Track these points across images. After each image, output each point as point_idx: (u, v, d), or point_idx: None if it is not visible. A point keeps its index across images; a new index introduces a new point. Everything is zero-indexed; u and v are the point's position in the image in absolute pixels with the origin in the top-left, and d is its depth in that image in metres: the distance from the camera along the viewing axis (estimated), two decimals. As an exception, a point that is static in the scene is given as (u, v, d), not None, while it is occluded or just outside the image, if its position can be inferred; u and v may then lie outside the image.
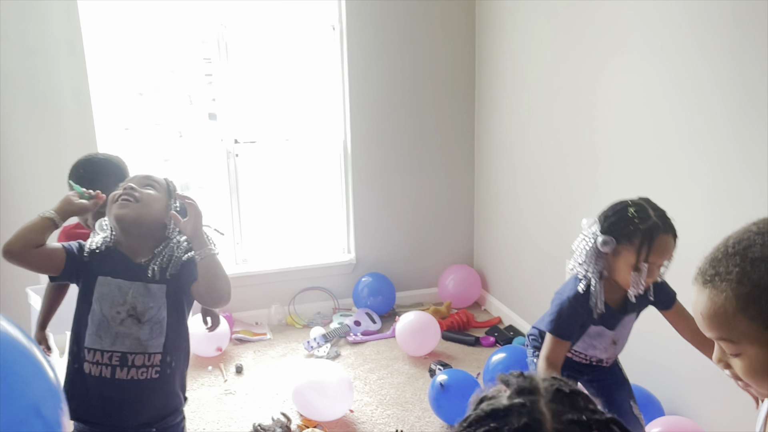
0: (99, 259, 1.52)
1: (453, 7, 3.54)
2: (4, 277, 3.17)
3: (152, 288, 1.50)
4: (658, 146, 2.27)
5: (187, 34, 3.33)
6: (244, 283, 3.54)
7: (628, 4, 2.34)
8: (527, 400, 0.64)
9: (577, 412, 0.63)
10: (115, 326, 1.48)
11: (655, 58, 2.24)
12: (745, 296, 0.82)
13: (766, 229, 0.85)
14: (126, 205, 1.50)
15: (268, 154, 3.55)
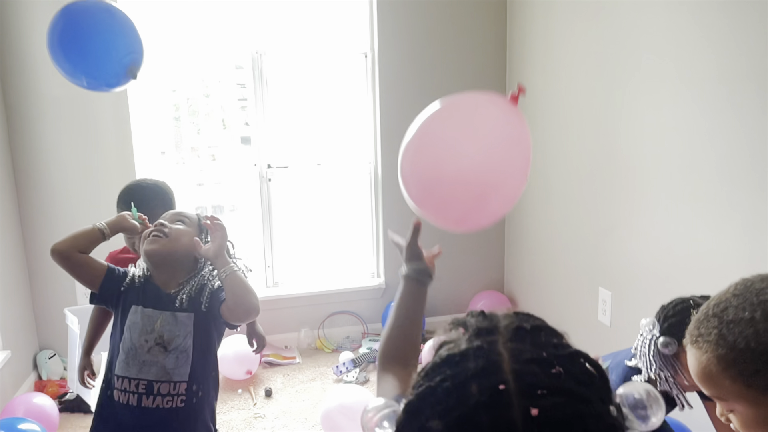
0: (134, 289, 1.58)
1: (484, 35, 3.57)
2: (42, 296, 3.26)
3: (180, 317, 1.53)
4: (694, 173, 2.23)
5: (222, 59, 3.41)
6: (275, 306, 3.57)
7: (661, 29, 2.33)
8: (485, 341, 0.59)
9: (538, 349, 0.58)
10: (143, 354, 1.51)
11: (691, 83, 2.21)
12: (724, 358, 0.86)
13: (742, 291, 0.89)
14: (155, 241, 1.54)
15: (300, 179, 3.60)
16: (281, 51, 3.41)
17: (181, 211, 1.65)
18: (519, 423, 0.52)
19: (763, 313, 0.86)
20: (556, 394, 0.54)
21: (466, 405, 0.54)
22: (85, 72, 1.65)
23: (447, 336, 0.63)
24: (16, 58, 3.04)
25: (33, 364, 3.20)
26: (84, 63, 1.64)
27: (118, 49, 1.69)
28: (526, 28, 3.39)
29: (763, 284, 0.90)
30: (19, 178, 3.15)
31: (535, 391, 0.53)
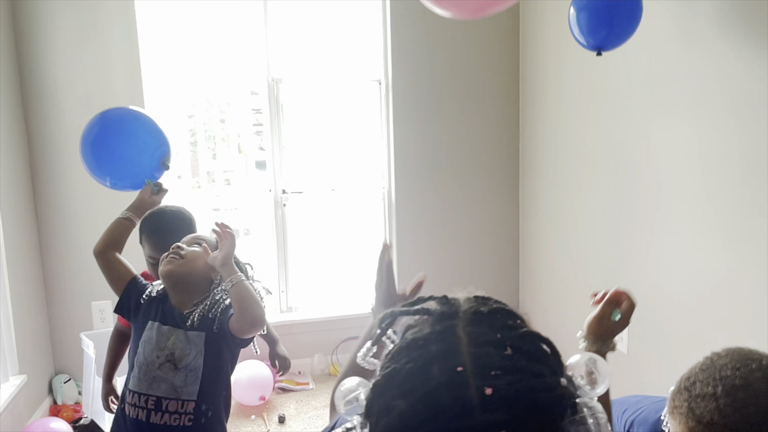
0: (154, 305, 1.60)
1: (497, 62, 3.60)
2: (59, 321, 3.29)
3: (191, 336, 1.53)
4: (709, 202, 2.22)
5: (238, 86, 3.47)
6: (288, 331, 3.56)
7: (675, 56, 2.34)
8: (445, 326, 0.63)
9: (493, 331, 0.63)
10: (154, 370, 1.52)
11: (706, 111, 2.21)
12: (693, 430, 0.91)
13: (708, 366, 0.95)
14: (171, 262, 1.56)
15: (315, 204, 3.62)
16: (296, 78, 3.46)
17: (199, 235, 1.67)
18: (475, 401, 0.56)
19: (723, 388, 0.91)
20: (509, 373, 0.59)
21: (428, 385, 0.58)
22: (112, 175, 1.85)
23: (413, 320, 0.67)
24: (39, 85, 3.11)
25: (48, 388, 3.21)
26: (114, 169, 1.86)
27: (147, 153, 1.88)
28: (539, 55, 3.41)
29: (725, 360, 0.96)
30: (39, 203, 3.20)
31: (489, 372, 0.58)
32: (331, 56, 3.49)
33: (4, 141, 2.87)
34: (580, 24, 2.11)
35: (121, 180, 1.86)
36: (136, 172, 1.84)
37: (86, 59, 3.14)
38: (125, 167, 1.84)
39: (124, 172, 1.85)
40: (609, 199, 2.84)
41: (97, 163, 1.83)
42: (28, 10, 3.05)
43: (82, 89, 3.16)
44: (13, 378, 2.77)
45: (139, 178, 1.83)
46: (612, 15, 2.06)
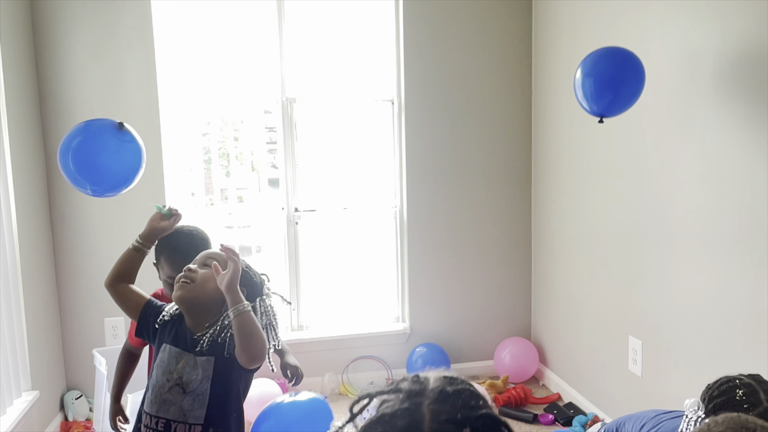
0: (168, 327, 1.60)
1: (509, 83, 3.62)
2: (72, 337, 3.31)
3: (200, 360, 1.53)
4: (725, 222, 2.20)
5: (252, 104, 3.51)
6: (299, 350, 3.55)
7: (692, 72, 2.34)
8: (412, 403, 0.71)
9: (455, 410, 0.69)
10: (164, 393, 1.53)
11: (723, 131, 2.21)
12: None
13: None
14: (183, 287, 1.54)
15: (327, 222, 3.63)
16: (310, 97, 3.50)
17: (211, 253, 1.64)
18: None
19: None
20: None
21: None
22: (91, 181, 1.87)
23: (388, 396, 0.75)
24: (57, 104, 3.17)
25: (60, 404, 3.23)
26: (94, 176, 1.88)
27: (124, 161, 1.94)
28: (551, 75, 3.43)
29: (722, 427, 1.01)
30: (55, 219, 3.24)
31: None
32: (344, 76, 3.53)
33: (23, 158, 2.92)
34: (585, 89, 2.14)
35: (99, 185, 1.89)
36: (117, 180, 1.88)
37: (103, 79, 3.20)
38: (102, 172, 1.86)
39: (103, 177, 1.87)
40: (623, 220, 2.83)
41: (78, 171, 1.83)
42: (47, 32, 3.12)
43: (99, 108, 3.21)
44: (26, 394, 2.79)
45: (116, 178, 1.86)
46: (617, 83, 2.10)
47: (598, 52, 2.19)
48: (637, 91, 2.13)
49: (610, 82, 2.11)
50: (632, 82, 2.12)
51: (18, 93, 2.90)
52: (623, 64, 2.13)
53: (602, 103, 2.12)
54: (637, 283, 2.72)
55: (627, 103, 2.14)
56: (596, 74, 2.12)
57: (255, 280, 1.63)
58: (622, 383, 2.86)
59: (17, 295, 2.73)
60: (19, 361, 2.73)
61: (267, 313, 1.60)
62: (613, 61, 2.14)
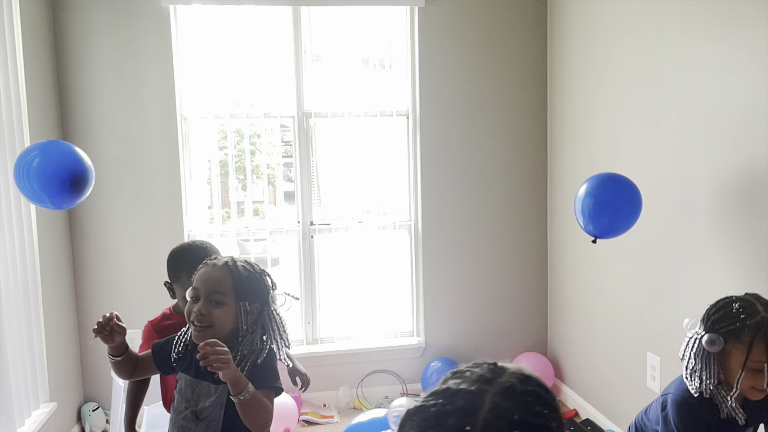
0: (185, 357, 1.61)
1: (524, 97, 3.63)
2: (89, 349, 3.34)
3: (215, 388, 1.54)
4: (746, 236, 2.18)
5: (269, 119, 3.55)
6: (314, 363, 3.55)
7: (710, 82, 2.33)
8: (478, 388, 0.70)
9: (514, 410, 0.68)
10: (180, 419, 1.56)
11: (744, 140, 2.19)
12: None
13: None
14: (203, 332, 1.52)
15: (342, 237, 3.65)
16: (326, 112, 3.53)
17: (217, 288, 1.54)
18: None
19: None
20: None
21: (439, 430, 0.67)
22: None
23: (463, 370, 0.76)
24: (79, 120, 3.23)
25: (77, 416, 3.25)
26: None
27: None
28: (567, 88, 3.43)
29: None
30: (75, 232, 3.29)
31: None
32: (359, 91, 3.56)
33: (44, 172, 2.97)
34: (584, 208, 2.25)
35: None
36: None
37: (123, 92, 3.26)
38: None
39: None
40: (640, 233, 2.80)
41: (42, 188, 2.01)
42: (69, 46, 3.19)
43: (120, 123, 3.27)
44: (44, 405, 2.81)
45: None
46: (616, 207, 2.22)
47: (602, 177, 2.30)
48: (634, 215, 2.25)
49: (609, 204, 2.23)
50: (630, 207, 2.23)
51: (40, 106, 2.96)
52: (622, 193, 2.25)
53: (600, 224, 2.23)
54: (655, 298, 2.69)
55: (623, 227, 2.25)
56: (596, 195, 2.24)
57: (261, 287, 1.59)
58: (641, 400, 2.81)
59: (36, 307, 2.77)
60: (38, 372, 2.76)
61: (273, 319, 1.58)
62: (614, 188, 2.26)
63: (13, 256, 2.57)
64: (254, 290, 1.57)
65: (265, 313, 1.58)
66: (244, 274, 1.55)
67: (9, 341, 2.50)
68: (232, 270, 1.55)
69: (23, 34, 2.74)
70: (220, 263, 1.56)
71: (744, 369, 1.49)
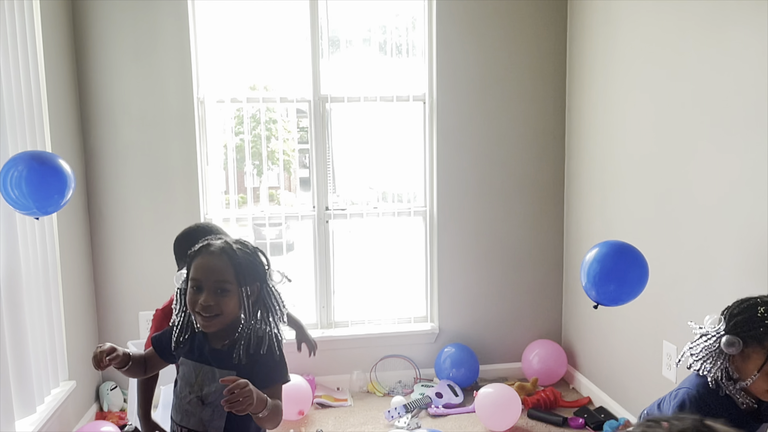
0: (185, 343, 1.62)
1: (542, 83, 3.59)
2: (107, 329, 3.39)
3: (219, 373, 1.53)
4: (764, 225, 2.15)
5: (285, 104, 3.55)
6: (328, 347, 3.58)
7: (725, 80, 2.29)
8: None
9: None
10: (184, 404, 1.56)
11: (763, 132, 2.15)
12: None
13: None
14: (212, 321, 1.53)
15: (357, 222, 3.65)
16: (342, 97, 3.52)
17: (221, 276, 1.53)
18: None
19: None
20: None
21: None
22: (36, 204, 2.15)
23: (654, 415, 0.79)
24: (97, 104, 3.26)
25: (95, 395, 3.31)
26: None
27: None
28: (585, 74, 3.38)
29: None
30: (93, 215, 3.32)
31: None
32: (376, 76, 3.54)
33: (63, 154, 3.00)
34: (590, 273, 2.20)
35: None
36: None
37: (141, 78, 3.27)
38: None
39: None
40: (658, 224, 2.77)
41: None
42: (87, 33, 3.21)
43: (137, 107, 3.28)
44: (63, 383, 2.86)
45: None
46: (623, 276, 2.17)
47: (614, 245, 2.24)
48: (639, 286, 2.18)
49: (617, 272, 2.18)
50: (637, 278, 2.19)
51: (59, 93, 2.99)
52: (632, 263, 2.20)
53: (605, 290, 2.18)
54: (673, 288, 2.67)
55: (628, 296, 2.20)
56: (605, 262, 2.19)
57: (259, 266, 1.58)
58: (656, 388, 2.80)
59: (56, 289, 2.81)
60: (57, 352, 2.81)
61: (272, 295, 1.58)
62: (624, 258, 2.21)
63: (33, 238, 2.60)
64: (253, 271, 1.56)
65: (264, 290, 1.58)
66: (242, 258, 1.54)
67: (30, 322, 2.55)
68: (231, 256, 1.53)
69: (42, 18, 2.75)
70: (217, 250, 1.54)
71: (760, 372, 1.49)
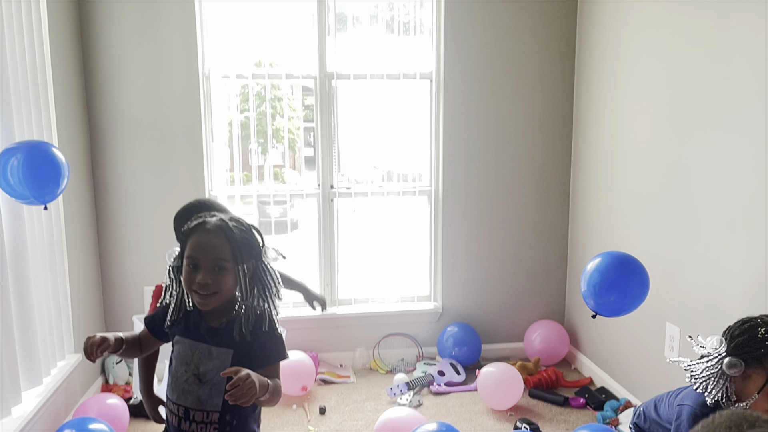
0: (178, 322, 1.61)
1: (551, 63, 3.55)
2: (113, 304, 3.42)
3: (216, 351, 1.53)
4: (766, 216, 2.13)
5: (290, 82, 3.53)
6: (331, 324, 3.61)
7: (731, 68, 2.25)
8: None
9: None
10: (181, 383, 1.55)
11: None
12: None
13: (709, 423, 0.99)
14: (209, 299, 1.52)
15: (362, 201, 3.64)
16: (348, 75, 3.49)
17: (218, 254, 1.51)
18: None
19: None
20: None
21: None
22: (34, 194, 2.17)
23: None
24: (102, 78, 3.24)
25: (101, 368, 3.34)
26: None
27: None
28: (595, 56, 3.35)
29: (724, 419, 1.03)
30: (98, 189, 3.33)
31: None
32: (382, 52, 3.51)
33: (68, 129, 3.00)
34: (591, 282, 2.17)
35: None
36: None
37: (147, 54, 3.25)
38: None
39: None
40: (664, 206, 2.76)
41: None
42: (93, 8, 3.18)
43: (142, 82, 3.27)
44: (69, 356, 2.89)
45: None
46: (625, 287, 2.15)
47: (619, 257, 2.22)
48: (638, 300, 2.18)
49: (619, 282, 2.16)
50: (638, 292, 2.18)
51: (64, 67, 2.97)
52: (633, 276, 2.19)
53: (605, 300, 2.15)
54: (677, 270, 2.66)
55: (626, 309, 2.18)
56: (606, 272, 2.16)
57: (254, 243, 1.57)
58: (658, 370, 2.81)
59: (62, 263, 2.82)
60: (63, 324, 2.83)
61: (267, 272, 1.57)
62: (626, 271, 2.19)
63: (39, 213, 2.60)
64: (249, 249, 1.55)
65: (259, 267, 1.57)
66: (238, 235, 1.53)
67: (35, 294, 2.57)
68: (227, 234, 1.52)
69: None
70: (214, 228, 1.52)
71: (761, 393, 1.50)
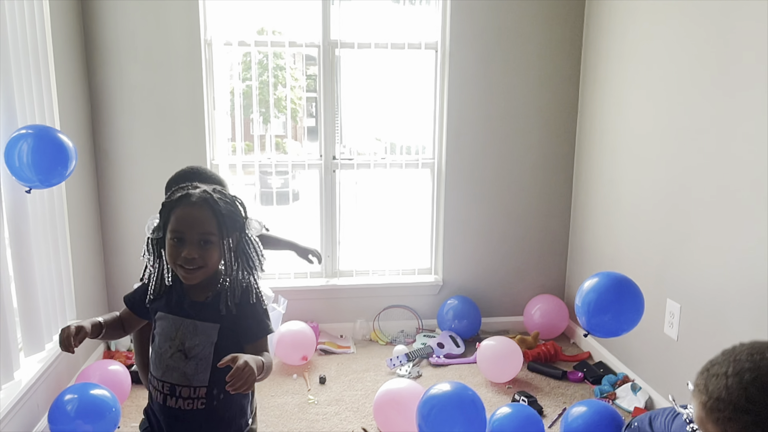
0: (159, 298, 1.59)
1: (558, 35, 3.49)
2: (115, 272, 3.42)
3: (202, 326, 1.52)
4: None
5: (293, 51, 3.48)
6: (332, 295, 3.62)
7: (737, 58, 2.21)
8: None
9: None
10: (166, 359, 1.53)
11: None
12: (705, 405, 1.06)
13: (729, 351, 1.08)
14: (195, 273, 1.50)
15: (364, 172, 3.62)
16: (351, 45, 3.43)
17: (204, 228, 1.49)
18: None
19: (734, 369, 1.04)
20: None
21: None
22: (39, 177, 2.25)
23: None
24: (102, 42, 3.19)
25: (103, 335, 3.36)
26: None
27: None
28: (603, 30, 3.29)
29: (745, 347, 1.08)
30: (99, 157, 3.30)
31: None
32: (387, 21, 3.45)
33: (68, 96, 2.96)
34: (586, 304, 2.18)
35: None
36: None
37: (147, 18, 3.19)
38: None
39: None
40: (666, 183, 2.74)
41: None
42: (93, -33, 3.11)
43: (143, 46, 3.22)
44: (71, 322, 2.89)
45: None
46: (620, 308, 2.17)
47: (616, 278, 2.23)
48: (632, 322, 2.19)
49: (614, 303, 2.17)
50: (633, 315, 2.19)
51: (64, 31, 2.92)
52: (627, 298, 2.21)
53: (601, 320, 2.17)
54: (679, 247, 2.66)
55: (621, 329, 2.19)
56: (601, 292, 2.17)
57: (238, 216, 1.55)
58: (657, 346, 2.83)
59: (63, 230, 2.82)
60: (65, 293, 2.84)
61: (250, 244, 1.55)
62: (622, 292, 2.21)
63: (40, 178, 2.59)
64: (233, 221, 1.53)
65: (243, 239, 1.54)
66: (224, 208, 1.51)
67: (37, 261, 2.56)
68: (213, 206, 1.49)
69: (45, -50, 2.66)
70: (199, 201, 1.49)
71: None
